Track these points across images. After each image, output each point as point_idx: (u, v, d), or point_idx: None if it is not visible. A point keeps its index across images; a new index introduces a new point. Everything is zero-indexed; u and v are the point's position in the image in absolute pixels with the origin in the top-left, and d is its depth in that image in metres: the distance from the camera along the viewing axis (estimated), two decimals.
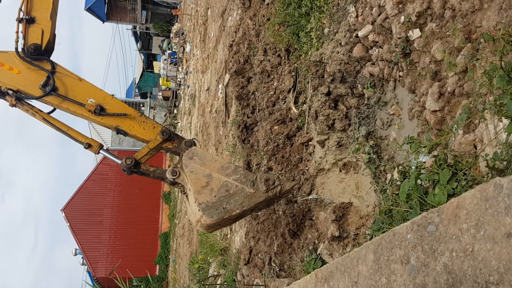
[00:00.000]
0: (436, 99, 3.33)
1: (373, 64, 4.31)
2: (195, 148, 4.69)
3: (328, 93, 4.96)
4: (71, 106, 4.79)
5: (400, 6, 3.94)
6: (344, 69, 4.66)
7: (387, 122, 4.07)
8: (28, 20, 4.85)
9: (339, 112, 4.72)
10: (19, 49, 4.80)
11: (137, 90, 42.91)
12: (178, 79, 28.94)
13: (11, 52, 4.84)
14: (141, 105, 33.41)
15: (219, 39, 13.65)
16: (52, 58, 5.06)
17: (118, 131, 4.93)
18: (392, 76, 4.03)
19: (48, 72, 4.76)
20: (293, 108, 5.85)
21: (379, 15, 4.26)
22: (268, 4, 8.56)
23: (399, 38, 3.88)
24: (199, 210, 4.13)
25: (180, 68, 28.52)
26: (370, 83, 4.30)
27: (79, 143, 4.93)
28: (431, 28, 3.51)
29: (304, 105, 5.57)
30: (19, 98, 4.78)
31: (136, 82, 43.40)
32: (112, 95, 5.06)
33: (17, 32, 4.82)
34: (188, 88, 22.74)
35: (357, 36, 4.59)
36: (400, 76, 3.93)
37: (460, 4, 3.21)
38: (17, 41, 4.81)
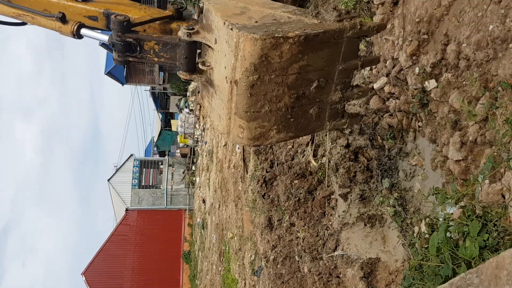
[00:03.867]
0: (458, 148, 3.29)
1: (391, 115, 4.32)
2: None
3: (347, 145, 4.95)
4: None
5: (414, 58, 3.99)
6: (362, 121, 4.67)
7: (410, 173, 4.02)
8: None
9: (360, 164, 4.69)
10: None
11: (155, 149, 43.52)
12: (196, 136, 29.34)
13: None
14: (160, 163, 33.73)
15: None
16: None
17: (108, 16, 3.50)
18: (411, 126, 4.02)
19: None
20: (313, 161, 5.83)
21: (393, 67, 4.32)
22: None
23: (415, 89, 3.90)
24: (231, 29, 2.52)
25: (197, 125, 28.99)
26: (390, 134, 4.29)
27: (48, 17, 3.42)
28: (447, 78, 3.53)
29: (324, 158, 5.55)
30: None
31: (155, 141, 44.10)
32: None
33: None
34: (205, 144, 22.98)
35: (372, 88, 4.64)
36: (419, 127, 3.91)
37: (474, 54, 3.24)
38: None
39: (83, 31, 3.34)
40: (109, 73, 36.50)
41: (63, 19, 3.27)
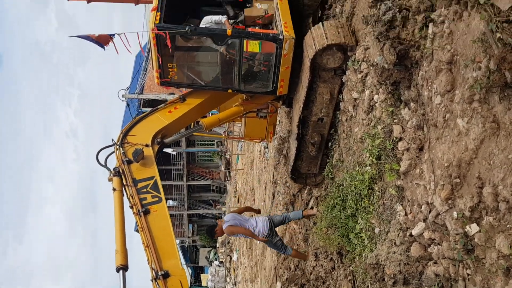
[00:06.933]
0: None
1: (435, 263, 4.11)
2: None
3: None
4: None
5: (450, 202, 3.92)
6: (405, 271, 4.43)
7: None
8: (164, 275, 5.11)
9: None
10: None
11: None
12: None
13: None
14: None
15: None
16: None
17: None
18: (459, 275, 3.77)
19: None
20: None
21: (429, 212, 4.23)
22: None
23: (457, 234, 3.76)
24: None
25: (228, 279, 28.05)
26: (438, 284, 4.02)
27: None
28: (489, 222, 3.40)
29: None
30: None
31: None
32: None
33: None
34: None
35: (411, 234, 4.49)
36: (468, 274, 3.67)
37: None
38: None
39: None
40: None
41: None
